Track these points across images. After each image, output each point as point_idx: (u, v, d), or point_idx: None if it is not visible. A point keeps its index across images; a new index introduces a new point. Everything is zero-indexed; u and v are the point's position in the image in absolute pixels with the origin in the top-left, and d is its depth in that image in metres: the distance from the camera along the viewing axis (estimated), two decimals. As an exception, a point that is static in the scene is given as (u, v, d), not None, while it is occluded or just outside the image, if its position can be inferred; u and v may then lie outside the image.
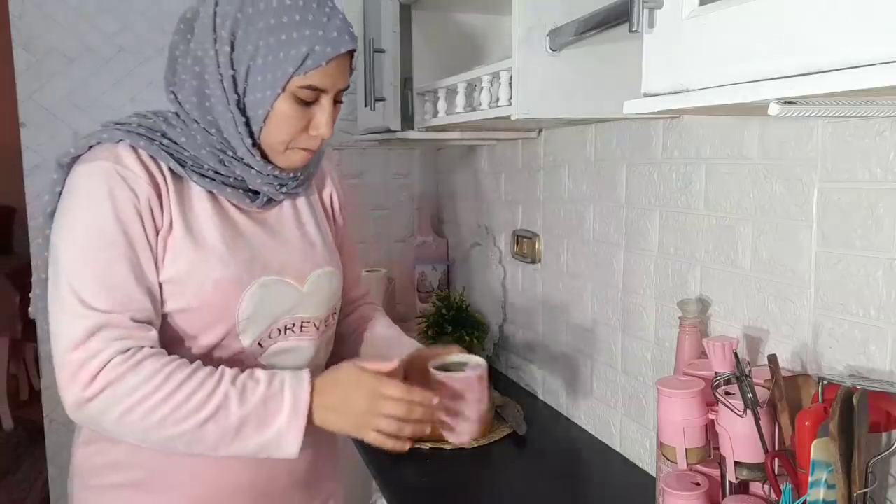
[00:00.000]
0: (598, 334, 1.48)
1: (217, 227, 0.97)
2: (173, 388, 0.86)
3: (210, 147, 0.96)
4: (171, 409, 0.86)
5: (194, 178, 0.96)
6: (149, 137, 0.93)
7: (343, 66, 0.96)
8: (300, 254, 1.05)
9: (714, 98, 0.67)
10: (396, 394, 0.91)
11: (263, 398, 0.89)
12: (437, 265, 2.32)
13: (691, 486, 0.98)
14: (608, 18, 0.99)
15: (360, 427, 0.92)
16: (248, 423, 0.88)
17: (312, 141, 0.98)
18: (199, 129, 0.96)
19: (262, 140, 0.97)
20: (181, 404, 0.86)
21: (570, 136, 1.54)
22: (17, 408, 3.87)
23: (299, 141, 0.97)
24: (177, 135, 0.96)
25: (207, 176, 0.97)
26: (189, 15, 0.97)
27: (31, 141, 2.10)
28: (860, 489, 0.79)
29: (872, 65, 0.51)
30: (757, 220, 1.05)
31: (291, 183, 1.03)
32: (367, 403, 0.91)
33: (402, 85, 1.63)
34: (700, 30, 0.68)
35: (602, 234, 1.44)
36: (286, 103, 0.94)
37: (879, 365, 0.88)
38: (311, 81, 0.93)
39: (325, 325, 1.09)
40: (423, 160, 2.45)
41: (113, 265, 0.89)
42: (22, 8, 2.05)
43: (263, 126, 0.95)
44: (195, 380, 0.88)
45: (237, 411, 0.87)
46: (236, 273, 0.96)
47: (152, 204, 0.92)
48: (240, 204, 1.00)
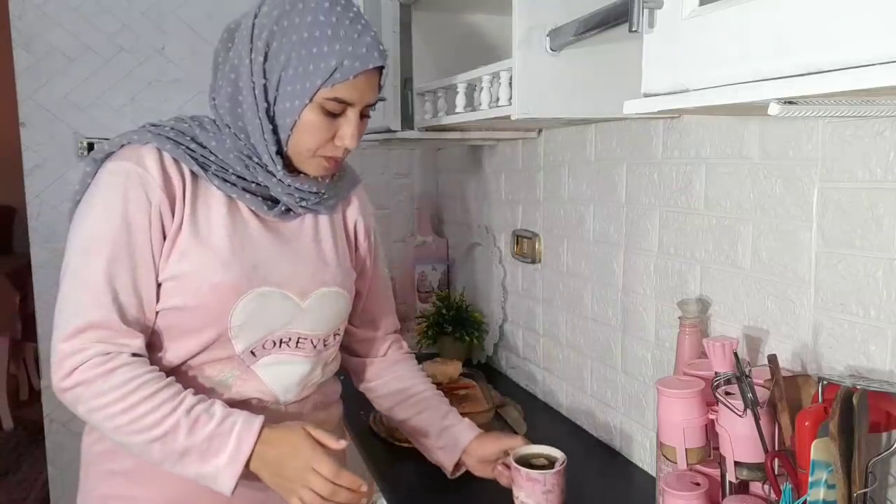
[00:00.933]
0: (598, 334, 1.48)
1: (227, 231, 0.99)
2: (133, 403, 0.91)
3: (237, 152, 0.99)
4: (127, 422, 0.91)
5: (215, 182, 0.99)
6: (176, 141, 0.97)
7: (371, 81, 0.99)
8: (308, 269, 1.06)
9: (714, 98, 0.67)
10: (325, 472, 0.92)
11: (210, 436, 0.92)
12: (437, 265, 2.32)
13: (691, 486, 0.98)
14: (608, 18, 0.99)
15: (286, 491, 0.94)
16: (191, 453, 0.92)
17: (337, 151, 1.01)
18: (229, 133, 1.00)
19: (288, 148, 1.00)
20: (136, 420, 0.91)
21: (570, 136, 1.54)
22: (17, 408, 3.87)
23: (325, 150, 1.00)
24: (207, 139, 1.00)
25: (229, 181, 1.00)
26: (233, 25, 1.02)
27: (31, 141, 2.10)
28: (860, 489, 0.79)
29: (872, 65, 0.51)
30: (757, 220, 1.05)
31: (312, 198, 1.05)
32: (297, 472, 0.92)
33: (402, 85, 1.63)
34: (700, 30, 0.68)
35: (602, 234, 1.44)
36: (313, 114, 0.97)
37: (879, 365, 0.88)
38: (338, 94, 0.96)
39: (324, 344, 1.10)
40: (423, 160, 2.45)
41: (111, 266, 0.93)
42: (22, 8, 2.05)
43: (291, 135, 0.98)
44: (156, 400, 0.92)
45: (183, 441, 0.91)
46: (236, 279, 0.98)
47: (163, 209, 0.95)
48: (258, 211, 1.02)
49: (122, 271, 0.93)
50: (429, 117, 1.55)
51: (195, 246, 0.97)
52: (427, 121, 1.56)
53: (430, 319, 1.96)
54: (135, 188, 0.94)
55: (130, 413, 0.91)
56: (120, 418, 0.91)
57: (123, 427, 0.91)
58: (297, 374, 1.06)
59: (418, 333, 2.00)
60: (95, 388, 0.91)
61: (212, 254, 0.97)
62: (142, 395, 0.91)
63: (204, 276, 0.96)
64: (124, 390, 0.91)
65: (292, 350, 1.05)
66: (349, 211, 1.19)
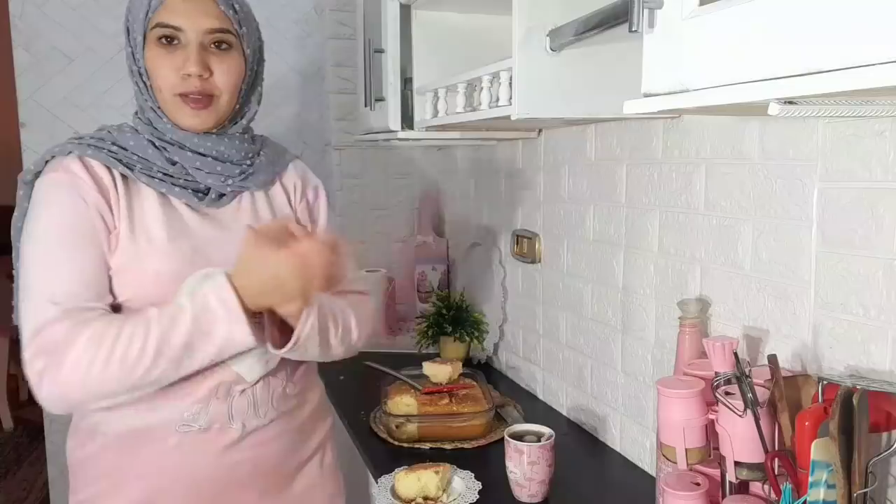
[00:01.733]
0: (598, 334, 1.48)
1: (162, 224, 1.02)
2: (108, 350, 0.91)
3: (150, 137, 1.04)
4: (118, 368, 0.91)
5: (143, 180, 1.03)
6: (97, 146, 1.02)
7: (197, 4, 1.01)
8: None
9: (714, 98, 0.67)
10: (305, 248, 0.92)
11: (195, 317, 0.92)
12: (437, 265, 2.32)
13: (691, 486, 0.98)
14: (608, 18, 0.99)
15: (302, 295, 0.94)
16: (195, 344, 0.93)
17: (188, 84, 1.01)
18: (142, 126, 1.05)
19: (157, 99, 1.03)
20: (124, 360, 0.91)
21: (570, 136, 1.54)
22: (17, 408, 3.87)
23: (175, 86, 1.01)
24: (125, 140, 1.04)
25: (156, 177, 1.03)
26: None
27: (31, 141, 2.10)
28: (860, 489, 0.79)
29: (872, 65, 0.51)
30: (757, 220, 1.05)
31: (236, 171, 1.08)
32: (291, 271, 0.92)
33: (402, 85, 1.63)
34: (700, 30, 0.68)
35: (602, 234, 1.44)
36: (152, 50, 1.01)
37: (879, 365, 0.88)
38: (159, 19, 1.00)
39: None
40: (423, 160, 2.45)
41: (63, 263, 0.96)
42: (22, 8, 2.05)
43: (149, 81, 1.03)
44: (125, 332, 0.91)
45: (179, 340, 0.92)
46: (176, 266, 1.00)
47: (100, 208, 0.99)
48: (189, 203, 1.05)
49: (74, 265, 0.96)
50: (429, 117, 1.55)
51: (133, 240, 1.00)
52: (427, 121, 1.56)
53: (430, 319, 1.96)
54: (70, 194, 0.98)
55: (112, 360, 0.90)
56: (112, 369, 0.90)
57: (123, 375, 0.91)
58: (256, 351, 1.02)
59: (418, 333, 2.00)
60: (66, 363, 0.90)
61: (149, 246, 1.00)
62: (111, 337, 0.91)
63: (144, 268, 0.99)
64: (92, 346, 0.90)
65: None
66: (286, 179, 1.20)
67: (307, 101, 2.33)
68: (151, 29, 1.01)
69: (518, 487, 1.23)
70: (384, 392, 1.55)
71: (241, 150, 1.10)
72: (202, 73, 1.01)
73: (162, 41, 1.01)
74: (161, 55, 1.01)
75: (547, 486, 1.23)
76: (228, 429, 1.04)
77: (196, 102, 1.03)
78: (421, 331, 1.98)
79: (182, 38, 1.01)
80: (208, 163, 1.06)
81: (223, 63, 1.03)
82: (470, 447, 1.44)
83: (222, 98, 1.04)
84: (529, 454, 1.20)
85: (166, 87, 1.02)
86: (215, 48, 1.03)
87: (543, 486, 1.22)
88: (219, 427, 1.04)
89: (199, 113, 1.03)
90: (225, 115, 1.07)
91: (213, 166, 1.06)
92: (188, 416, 1.02)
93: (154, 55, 1.01)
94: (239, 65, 1.05)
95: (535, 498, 1.22)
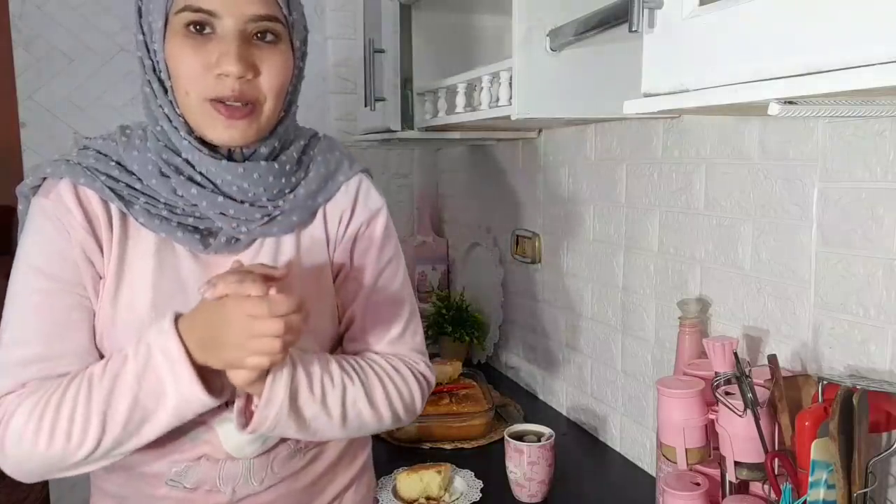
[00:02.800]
0: (598, 334, 1.48)
1: (150, 282, 0.84)
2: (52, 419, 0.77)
3: (157, 157, 0.84)
4: (63, 442, 0.77)
5: (140, 219, 0.84)
6: (95, 169, 0.84)
7: None
8: None
9: (714, 98, 0.67)
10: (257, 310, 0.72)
11: (137, 376, 0.77)
12: (437, 265, 2.32)
13: (691, 486, 0.98)
14: (608, 18, 0.99)
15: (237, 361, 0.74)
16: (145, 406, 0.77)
17: (222, 86, 0.79)
18: (151, 136, 0.86)
19: (178, 104, 0.82)
20: (68, 430, 0.77)
21: (570, 136, 1.54)
22: (17, 408, 3.86)
23: (207, 88, 0.80)
24: (132, 160, 0.85)
25: (160, 215, 0.84)
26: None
27: (31, 141, 2.10)
28: (860, 489, 0.79)
29: (872, 65, 0.51)
30: (757, 220, 1.05)
31: (257, 215, 0.86)
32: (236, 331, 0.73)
33: (402, 85, 1.63)
34: (700, 30, 0.68)
35: (602, 234, 1.44)
36: (177, 40, 0.80)
37: (879, 365, 0.88)
38: (188, 1, 0.78)
39: None
40: (423, 160, 2.45)
41: (38, 313, 0.82)
42: (22, 8, 2.05)
43: (170, 79, 0.82)
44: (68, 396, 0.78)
45: (123, 406, 0.77)
46: None
47: (89, 252, 0.83)
48: (193, 250, 0.86)
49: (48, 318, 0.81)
50: (429, 117, 1.55)
51: (114, 302, 0.84)
52: (427, 121, 1.56)
53: (430, 319, 1.95)
54: (55, 228, 0.83)
55: (58, 429, 0.77)
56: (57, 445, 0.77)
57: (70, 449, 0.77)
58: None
59: (418, 333, 1.99)
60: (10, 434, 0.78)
61: (128, 314, 0.83)
62: (54, 405, 0.77)
63: (117, 342, 0.83)
64: (35, 416, 0.77)
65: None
66: (331, 209, 0.94)
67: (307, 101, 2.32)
68: (177, 13, 0.79)
69: (518, 487, 1.23)
70: (384, 392, 1.55)
71: (272, 186, 0.87)
72: (245, 72, 0.79)
73: (190, 29, 0.79)
74: (189, 47, 0.79)
75: (547, 486, 1.23)
76: (217, 492, 0.89)
77: (233, 111, 0.80)
78: (421, 331, 1.98)
79: (217, 27, 0.79)
80: (220, 203, 0.84)
81: (270, 60, 0.81)
82: (470, 447, 1.44)
83: (266, 106, 0.83)
84: (529, 454, 1.21)
85: (195, 89, 0.80)
86: (259, 40, 0.81)
87: (543, 486, 1.22)
88: (207, 489, 0.89)
89: (237, 124, 0.81)
90: (267, 127, 0.85)
91: (226, 207, 0.84)
92: (176, 473, 0.88)
93: (179, 47, 0.79)
94: (288, 61, 0.84)
95: (535, 498, 1.22)
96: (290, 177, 0.90)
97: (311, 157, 0.94)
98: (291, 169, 0.90)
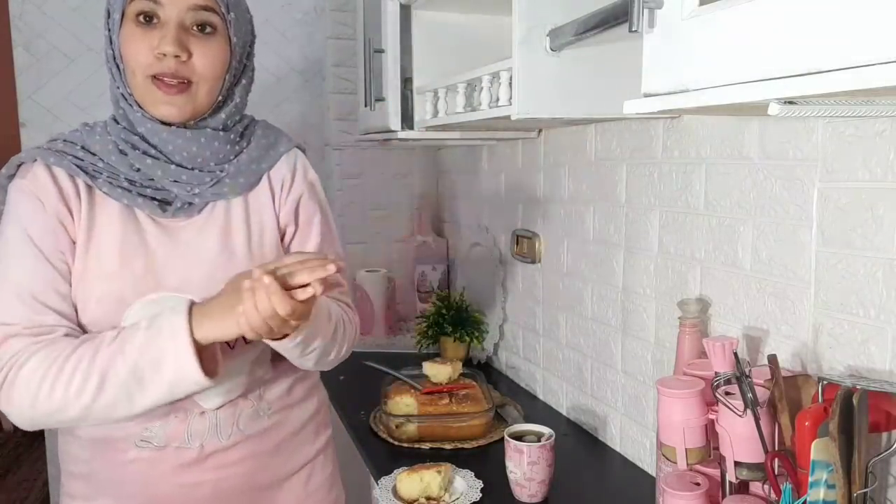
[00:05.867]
0: (598, 334, 1.48)
1: (117, 242, 0.96)
2: (55, 372, 0.87)
3: (116, 138, 0.97)
4: (63, 392, 0.86)
5: (104, 189, 0.96)
6: (62, 152, 0.96)
7: None
8: (207, 268, 0.98)
9: (714, 98, 0.67)
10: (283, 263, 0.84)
11: (142, 345, 0.86)
12: (437, 265, 2.32)
13: (691, 486, 0.98)
14: (608, 18, 0.99)
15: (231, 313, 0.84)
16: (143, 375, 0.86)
17: (159, 64, 0.93)
18: (111, 123, 1.00)
19: (128, 84, 0.96)
20: (69, 382, 0.86)
21: (570, 136, 1.54)
22: (17, 408, 3.87)
23: (148, 67, 0.93)
24: (93, 143, 0.98)
25: (121, 186, 0.96)
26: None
27: (31, 141, 2.10)
28: (860, 489, 0.79)
29: (872, 65, 0.51)
30: (757, 220, 1.05)
31: (206, 179, 0.99)
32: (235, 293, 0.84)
33: (402, 85, 1.63)
34: (700, 30, 0.68)
35: (602, 234, 1.44)
36: (128, 28, 0.93)
37: (879, 365, 0.88)
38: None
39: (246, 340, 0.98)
40: (423, 160, 2.45)
41: (22, 277, 0.92)
42: (22, 8, 2.05)
43: (123, 64, 0.95)
44: (72, 359, 0.87)
45: (123, 369, 0.86)
46: (119, 290, 0.94)
47: (62, 218, 0.94)
48: (153, 215, 0.98)
49: (33, 281, 0.92)
50: (429, 117, 1.55)
51: (85, 259, 0.95)
52: (427, 121, 1.56)
53: (430, 319, 1.95)
54: (31, 201, 0.94)
55: (61, 380, 0.86)
56: (57, 393, 0.86)
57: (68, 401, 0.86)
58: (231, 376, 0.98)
59: (418, 333, 2.00)
60: (19, 386, 0.87)
61: (98, 267, 0.95)
62: (61, 360, 0.87)
63: (89, 289, 0.94)
64: (43, 367, 0.87)
65: None
66: (274, 175, 1.07)
67: (307, 101, 2.33)
68: (130, 2, 0.93)
69: (518, 487, 1.23)
70: (384, 392, 1.55)
71: (217, 150, 1.01)
72: (179, 52, 0.92)
73: (140, 19, 0.93)
74: (136, 34, 0.93)
75: (547, 486, 1.23)
76: (186, 449, 0.98)
77: (170, 87, 0.94)
78: (421, 331, 1.98)
79: (161, 15, 0.92)
80: (172, 171, 0.97)
81: (204, 46, 0.95)
82: (470, 447, 1.44)
83: (200, 86, 0.95)
84: (529, 454, 1.21)
85: (139, 68, 0.93)
86: (198, 31, 0.94)
87: (543, 486, 1.22)
88: (176, 446, 0.98)
89: (174, 99, 0.94)
90: (204, 106, 0.98)
91: (178, 174, 0.98)
92: (146, 433, 0.97)
93: (129, 34, 0.93)
94: (222, 51, 0.96)
95: (535, 498, 1.22)
96: (234, 145, 1.03)
97: (251, 131, 1.08)
98: (235, 139, 1.04)
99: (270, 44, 2.25)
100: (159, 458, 0.98)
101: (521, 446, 1.21)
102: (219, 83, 0.98)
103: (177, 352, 0.85)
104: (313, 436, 1.14)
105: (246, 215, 1.03)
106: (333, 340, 1.02)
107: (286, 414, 1.08)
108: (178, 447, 0.98)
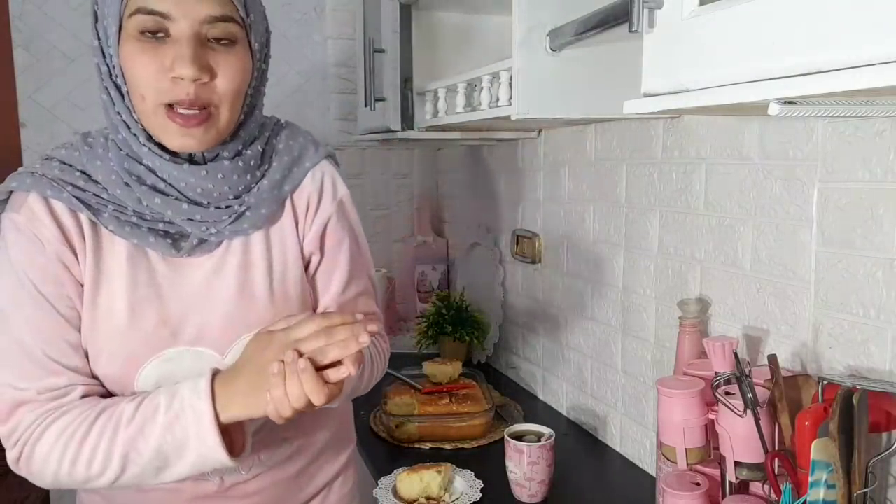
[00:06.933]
0: (598, 334, 1.48)
1: (127, 288, 0.85)
2: (75, 450, 0.80)
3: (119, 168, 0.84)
4: (85, 470, 0.80)
5: (111, 227, 0.84)
6: (61, 180, 0.83)
7: None
8: (224, 315, 0.88)
9: (714, 98, 0.67)
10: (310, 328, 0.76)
11: (165, 428, 0.78)
12: (437, 265, 2.32)
13: (691, 486, 0.98)
14: (608, 18, 0.99)
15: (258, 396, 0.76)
16: (168, 456, 0.79)
17: (176, 89, 0.78)
18: (112, 144, 0.85)
19: (135, 110, 0.81)
20: (90, 462, 0.79)
21: (570, 136, 1.54)
22: (17, 408, 3.86)
23: (162, 93, 0.78)
24: (95, 169, 0.84)
25: (129, 222, 0.84)
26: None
27: (31, 141, 2.10)
28: (860, 489, 0.79)
29: (872, 65, 0.51)
30: (757, 220, 1.05)
31: (223, 216, 0.86)
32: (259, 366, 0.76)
33: (402, 85, 1.63)
34: (700, 30, 0.68)
35: (602, 234, 1.44)
36: (130, 45, 0.78)
37: (879, 365, 0.88)
38: (140, 3, 0.76)
39: None
40: (423, 160, 2.45)
41: (27, 330, 0.82)
42: (22, 8, 2.05)
43: (126, 85, 0.80)
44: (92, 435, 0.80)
45: (147, 450, 0.79)
46: (130, 349, 0.85)
47: (65, 260, 0.83)
48: (165, 254, 0.86)
49: (35, 335, 0.82)
50: (429, 117, 1.55)
51: (93, 308, 0.84)
52: (427, 121, 1.56)
53: (430, 319, 1.95)
54: (31, 242, 0.82)
55: (80, 460, 0.79)
56: (79, 473, 0.80)
57: (91, 478, 0.80)
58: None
59: (418, 333, 2.00)
60: (38, 458, 0.81)
61: (108, 321, 0.84)
62: (79, 438, 0.79)
63: (98, 348, 0.84)
64: (60, 445, 0.80)
65: None
66: (298, 197, 0.94)
67: (307, 101, 2.33)
68: (130, 16, 0.76)
69: (518, 487, 1.23)
70: (384, 392, 1.55)
71: (237, 183, 0.87)
72: (200, 75, 0.77)
73: (145, 35, 0.77)
74: (142, 52, 0.77)
75: (547, 486, 1.23)
76: (205, 481, 0.92)
77: (187, 119, 0.79)
78: (421, 331, 1.98)
79: (172, 30, 0.77)
80: (185, 210, 0.84)
81: (226, 62, 0.80)
82: (470, 447, 1.44)
83: (222, 110, 0.81)
84: (529, 454, 1.21)
85: (150, 93, 0.78)
86: (216, 43, 0.79)
87: (543, 486, 1.22)
88: (196, 479, 0.90)
89: (192, 132, 0.80)
90: (226, 131, 0.84)
91: (193, 213, 0.84)
92: None
93: (133, 51, 0.77)
94: (246, 64, 0.82)
95: (535, 498, 1.22)
96: (254, 171, 0.90)
97: (273, 146, 0.94)
98: (255, 164, 0.90)
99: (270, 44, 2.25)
100: (178, 490, 0.92)
101: (521, 446, 1.21)
102: (241, 99, 0.84)
103: (201, 437, 0.77)
104: (335, 453, 1.07)
105: (266, 247, 0.92)
106: (360, 381, 0.96)
107: (308, 438, 1.00)
108: (197, 480, 0.91)
